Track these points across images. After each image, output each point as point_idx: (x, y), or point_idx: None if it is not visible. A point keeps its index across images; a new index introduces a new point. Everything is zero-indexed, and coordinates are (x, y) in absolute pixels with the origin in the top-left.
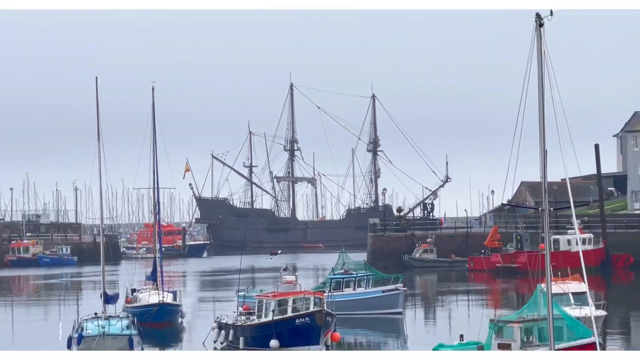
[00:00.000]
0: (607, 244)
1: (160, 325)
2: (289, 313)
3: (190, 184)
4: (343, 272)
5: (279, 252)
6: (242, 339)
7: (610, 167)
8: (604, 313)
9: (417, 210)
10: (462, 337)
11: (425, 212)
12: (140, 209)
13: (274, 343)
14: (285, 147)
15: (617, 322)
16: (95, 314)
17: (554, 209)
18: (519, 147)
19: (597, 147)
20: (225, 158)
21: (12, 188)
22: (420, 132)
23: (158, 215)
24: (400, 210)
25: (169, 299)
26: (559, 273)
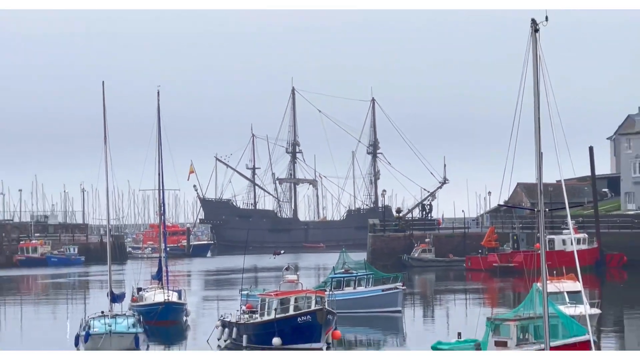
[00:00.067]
0: (601, 244)
1: (166, 324)
2: (291, 311)
3: (195, 186)
4: (344, 271)
5: (282, 252)
6: (245, 337)
7: (604, 168)
8: (598, 311)
9: (415, 211)
10: (459, 334)
11: (424, 212)
12: (146, 210)
13: (277, 341)
14: (287, 149)
15: (611, 320)
16: (102, 313)
17: (549, 210)
18: (515, 149)
19: (591, 149)
20: (229, 160)
21: (21, 189)
22: (419, 135)
23: (163, 216)
24: (400, 211)
25: (174, 298)
26: (554, 272)
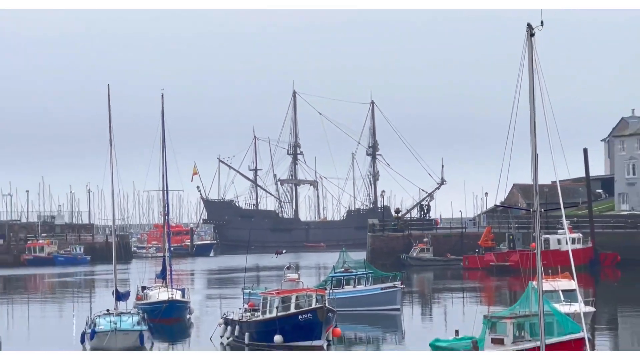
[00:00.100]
0: (595, 243)
1: (170, 321)
2: (292, 309)
3: (198, 187)
4: (344, 270)
5: (284, 251)
6: (247, 335)
7: (598, 170)
8: (593, 309)
9: (414, 212)
10: (457, 332)
11: (422, 213)
12: (150, 211)
13: (278, 338)
14: (289, 151)
15: (605, 318)
16: (108, 311)
17: (545, 210)
18: (511, 151)
19: (585, 151)
20: (231, 162)
21: (28, 190)
22: (417, 137)
23: (167, 217)
24: (398, 212)
25: (178, 296)
26: (550, 271)
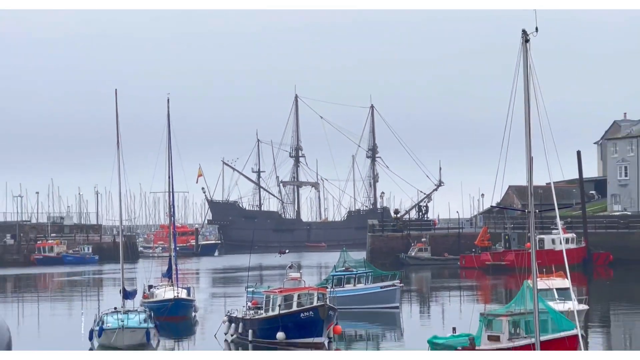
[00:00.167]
0: (588, 243)
1: (175, 319)
2: (294, 307)
3: (203, 188)
4: (344, 269)
5: (287, 251)
6: (250, 332)
7: (592, 172)
8: (586, 307)
9: (412, 212)
10: (454, 329)
11: (420, 214)
12: (157, 211)
13: (281, 335)
14: (291, 153)
15: (598, 315)
16: (115, 309)
17: (540, 211)
18: (507, 154)
19: (579, 153)
20: (235, 164)
21: (38, 192)
22: (416, 140)
23: (173, 217)
24: (397, 212)
25: (183, 295)
26: (544, 270)
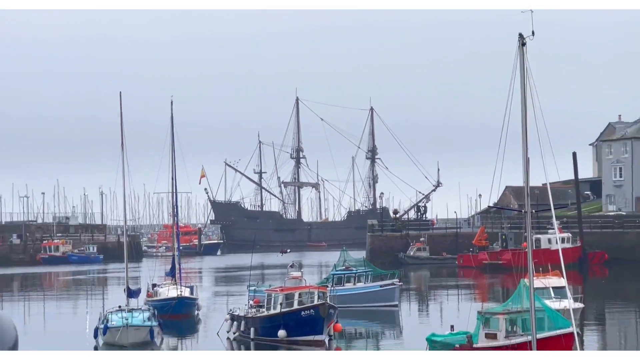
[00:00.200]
0: (583, 243)
1: (179, 317)
2: (295, 306)
3: (206, 189)
4: (344, 268)
5: (288, 250)
6: (252, 330)
7: (587, 173)
8: (581, 305)
9: (411, 213)
10: (452, 327)
11: (419, 214)
12: (160, 212)
13: (282, 333)
14: (292, 155)
15: (593, 313)
16: (119, 307)
17: (536, 211)
18: (504, 155)
19: (574, 155)
20: (237, 165)
21: (44, 193)
22: (414, 141)
23: (176, 217)
24: (396, 212)
25: (187, 293)
26: (540, 269)
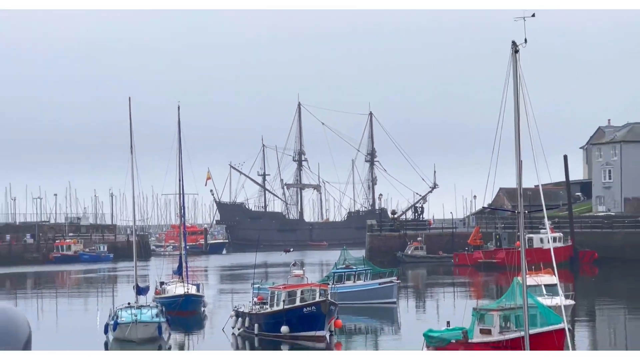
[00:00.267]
0: (574, 242)
1: (185, 314)
2: (298, 303)
3: (211, 190)
4: (345, 267)
5: (291, 249)
6: (256, 326)
7: (577, 175)
8: (573, 302)
9: (409, 213)
10: (448, 323)
11: (416, 214)
12: (168, 212)
13: (285, 329)
14: (294, 158)
15: (584, 310)
16: (129, 304)
17: (529, 212)
18: (498, 157)
19: (565, 157)
20: (242, 167)
21: (56, 194)
22: (412, 145)
23: (183, 218)
24: (395, 213)
25: (193, 291)
26: (533, 267)
